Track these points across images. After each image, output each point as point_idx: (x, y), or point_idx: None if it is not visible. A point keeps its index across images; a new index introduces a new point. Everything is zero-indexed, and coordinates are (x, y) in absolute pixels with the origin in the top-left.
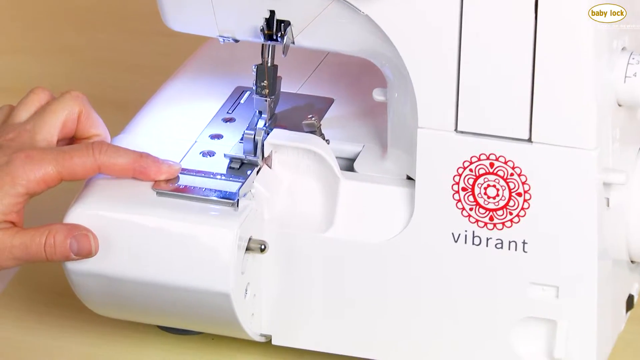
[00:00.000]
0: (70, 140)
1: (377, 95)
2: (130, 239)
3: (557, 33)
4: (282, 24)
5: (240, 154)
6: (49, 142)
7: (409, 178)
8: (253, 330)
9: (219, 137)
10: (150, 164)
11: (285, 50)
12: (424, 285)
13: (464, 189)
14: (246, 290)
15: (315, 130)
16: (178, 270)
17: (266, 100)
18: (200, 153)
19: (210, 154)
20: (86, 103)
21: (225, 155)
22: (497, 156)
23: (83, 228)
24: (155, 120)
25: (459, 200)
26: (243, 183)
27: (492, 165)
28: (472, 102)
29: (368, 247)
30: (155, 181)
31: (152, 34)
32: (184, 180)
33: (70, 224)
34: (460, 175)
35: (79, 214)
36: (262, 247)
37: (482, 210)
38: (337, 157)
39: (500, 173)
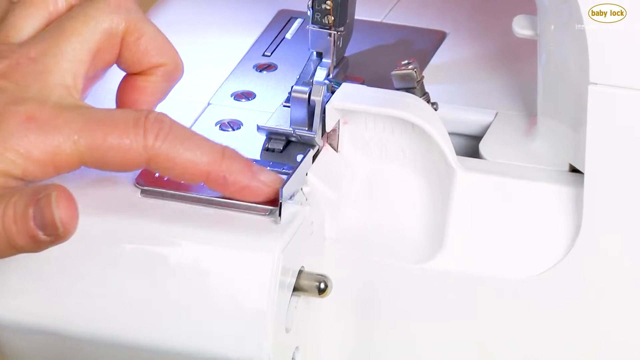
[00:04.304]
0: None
1: (520, 27)
2: (96, 270)
3: None
4: None
5: (285, 126)
6: (68, 87)
7: (573, 170)
8: None
9: (248, 96)
10: (237, 170)
11: None
12: (600, 343)
13: None
14: None
15: (414, 87)
16: (178, 326)
17: (330, 35)
18: (216, 124)
19: (234, 125)
20: (136, 13)
21: (259, 127)
22: None
23: (53, 186)
24: None
25: None
26: (289, 176)
27: None
28: None
29: (505, 287)
30: (140, 174)
31: None
32: None
33: (42, 185)
34: None
35: None
36: (322, 285)
37: None
38: (451, 133)
39: None
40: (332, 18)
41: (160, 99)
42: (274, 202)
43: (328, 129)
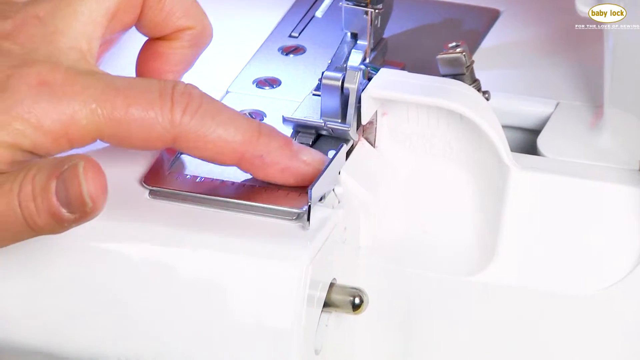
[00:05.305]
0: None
1: (584, 5)
2: (98, 281)
3: None
4: None
5: (315, 118)
6: (82, 52)
7: None
8: None
9: (272, 83)
10: (275, 149)
11: None
12: None
13: None
14: None
15: (463, 73)
16: (191, 345)
17: (366, 13)
18: None
19: (257, 116)
20: None
21: (284, 119)
22: None
23: (79, 156)
24: None
25: None
26: (320, 175)
27: None
28: None
29: (566, 303)
30: (148, 173)
31: None
32: (202, 167)
33: (65, 156)
34: None
35: None
36: (356, 300)
37: None
38: (505, 126)
39: None
40: None
41: (186, 68)
42: (304, 202)
43: (364, 121)
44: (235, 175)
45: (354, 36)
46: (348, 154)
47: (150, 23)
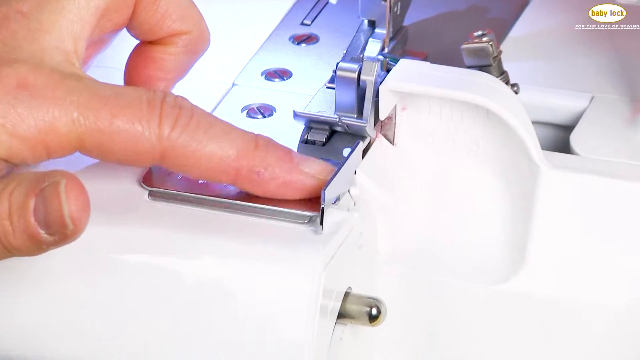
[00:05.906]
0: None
1: None
2: (95, 289)
3: None
4: None
5: (329, 113)
6: (67, 53)
7: None
8: None
9: (282, 75)
10: (273, 162)
11: None
12: None
13: None
14: None
15: (490, 64)
16: (192, 357)
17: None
18: (243, 109)
19: (265, 110)
20: None
21: (295, 114)
22: None
23: (60, 173)
24: None
25: None
26: (334, 175)
27: None
28: None
29: (600, 314)
30: (147, 172)
31: None
32: None
33: (45, 172)
34: None
35: None
36: (373, 311)
37: None
38: (534, 122)
39: None
40: None
41: (179, 76)
42: (317, 205)
43: (382, 116)
44: None
45: (372, 24)
46: (365, 152)
47: (144, 25)
